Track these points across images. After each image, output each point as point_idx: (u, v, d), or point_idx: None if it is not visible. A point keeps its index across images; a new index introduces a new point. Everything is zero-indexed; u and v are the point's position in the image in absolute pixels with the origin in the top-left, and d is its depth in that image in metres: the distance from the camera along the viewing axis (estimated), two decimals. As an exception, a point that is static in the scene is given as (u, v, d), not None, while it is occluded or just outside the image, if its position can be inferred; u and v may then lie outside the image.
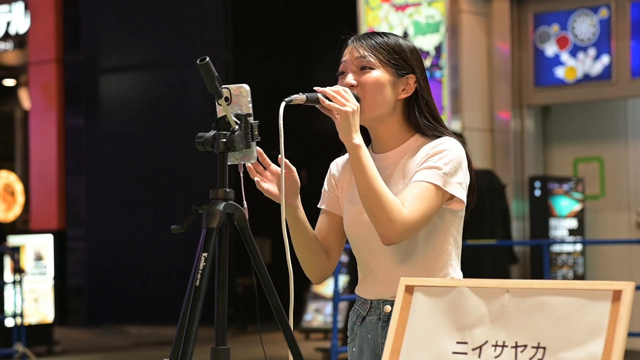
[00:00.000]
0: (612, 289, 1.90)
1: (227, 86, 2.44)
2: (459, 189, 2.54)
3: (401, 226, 2.46)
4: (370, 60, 2.61)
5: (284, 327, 2.46)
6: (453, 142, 2.60)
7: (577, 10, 9.11)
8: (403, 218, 2.46)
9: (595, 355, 1.87)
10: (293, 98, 2.49)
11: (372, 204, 2.47)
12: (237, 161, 2.50)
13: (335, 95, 2.51)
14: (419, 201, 2.48)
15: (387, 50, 2.63)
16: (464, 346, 2.00)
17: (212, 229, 2.37)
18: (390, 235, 2.47)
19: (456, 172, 2.54)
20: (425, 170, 2.53)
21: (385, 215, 2.45)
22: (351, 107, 2.50)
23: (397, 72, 2.63)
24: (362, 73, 2.61)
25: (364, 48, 2.63)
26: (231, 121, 2.41)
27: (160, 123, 13.26)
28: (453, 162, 2.54)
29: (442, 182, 2.51)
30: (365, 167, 2.48)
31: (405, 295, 2.09)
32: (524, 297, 1.97)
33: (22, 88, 15.61)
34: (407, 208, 2.47)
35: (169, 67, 13.22)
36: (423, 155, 2.57)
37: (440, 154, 2.54)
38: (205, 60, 2.33)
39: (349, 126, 2.48)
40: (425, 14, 9.02)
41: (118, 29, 13.74)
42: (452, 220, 2.62)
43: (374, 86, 2.60)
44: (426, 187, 2.50)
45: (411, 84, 2.65)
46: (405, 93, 2.64)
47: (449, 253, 2.62)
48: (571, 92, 9.24)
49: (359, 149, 2.49)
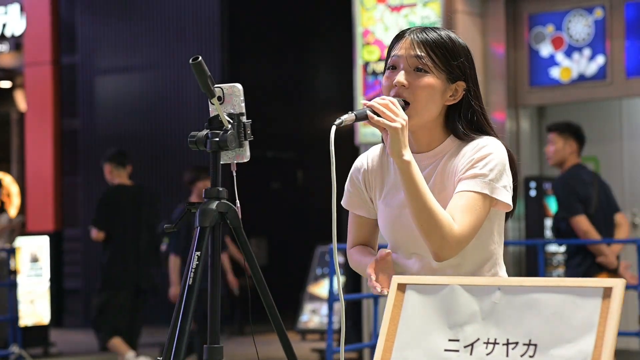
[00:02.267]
0: (602, 286, 1.91)
1: (220, 85, 2.44)
2: (505, 193, 2.50)
3: (453, 242, 2.42)
4: (426, 63, 2.52)
5: (277, 326, 2.46)
6: (495, 143, 2.54)
7: (572, 11, 9.12)
8: (454, 234, 2.42)
9: (586, 351, 1.88)
10: (343, 119, 2.39)
11: (424, 222, 2.41)
12: (230, 160, 2.50)
13: (383, 109, 2.42)
14: (469, 214, 2.44)
15: (444, 54, 2.54)
16: (456, 344, 2.01)
17: (205, 228, 2.38)
18: (443, 252, 2.43)
19: (501, 176, 2.49)
20: (471, 180, 2.47)
21: (438, 232, 2.40)
22: (400, 123, 2.41)
23: (448, 78, 2.55)
24: (416, 75, 2.53)
25: (422, 47, 2.53)
26: (224, 120, 2.42)
27: (156, 124, 13.26)
28: (498, 167, 2.49)
29: (489, 190, 2.47)
30: (416, 184, 2.41)
31: (397, 293, 2.09)
32: (516, 294, 1.98)
33: (17, 90, 15.59)
34: (458, 223, 2.43)
35: (165, 69, 13.22)
36: (467, 159, 2.52)
37: (485, 160, 2.49)
38: (197, 60, 2.33)
39: (398, 143, 2.40)
40: (420, 14, 9.02)
41: (113, 30, 13.74)
42: (494, 220, 2.59)
43: (426, 93, 2.52)
44: (474, 197, 2.46)
45: (459, 92, 2.57)
46: (452, 100, 2.57)
47: (494, 252, 2.60)
48: (566, 93, 9.24)
49: (409, 166, 2.41)
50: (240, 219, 2.44)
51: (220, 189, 2.44)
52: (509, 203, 2.52)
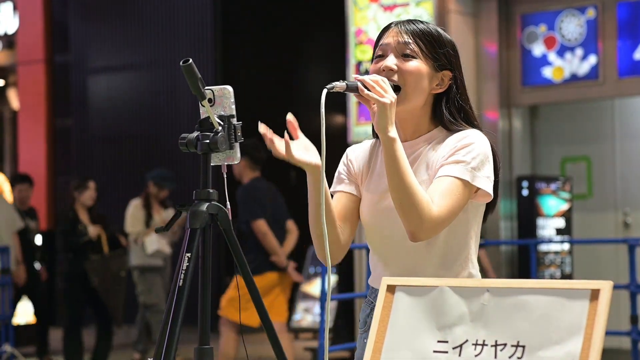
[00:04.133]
0: (590, 288, 1.92)
1: (211, 87, 2.45)
2: (487, 182, 2.52)
3: (430, 223, 2.43)
4: (413, 48, 2.57)
5: (267, 326, 2.47)
6: (479, 135, 2.58)
7: (565, 11, 9.14)
8: (432, 215, 2.43)
9: (574, 353, 1.89)
10: (334, 85, 2.44)
11: (402, 199, 2.43)
12: (221, 162, 2.51)
13: (374, 85, 2.45)
14: (447, 197, 2.46)
15: (430, 42, 2.59)
16: (445, 345, 2.01)
17: (195, 229, 2.38)
18: (418, 232, 2.44)
19: (483, 166, 2.52)
20: (453, 165, 2.50)
21: (416, 211, 2.42)
22: (389, 99, 2.44)
23: (435, 66, 2.59)
24: (404, 60, 2.58)
25: (409, 35, 2.59)
26: (214, 122, 2.43)
27: (149, 123, 13.26)
28: (480, 156, 2.52)
29: (470, 177, 2.49)
30: (399, 161, 2.43)
31: (387, 295, 2.10)
32: (504, 296, 1.99)
33: (10, 88, 15.58)
34: (437, 205, 2.44)
35: (158, 68, 13.22)
36: (449, 147, 2.54)
37: (467, 148, 2.52)
38: (188, 62, 2.34)
39: (385, 118, 2.43)
40: (413, 14, 9.03)
41: (107, 29, 13.73)
42: (475, 214, 2.60)
43: (414, 75, 2.56)
44: (454, 182, 2.48)
45: (445, 81, 2.62)
46: (439, 88, 2.62)
47: (469, 247, 2.61)
48: (559, 92, 9.26)
49: (394, 142, 2.44)
50: (230, 221, 2.45)
51: (210, 190, 2.45)
52: (490, 192, 2.54)
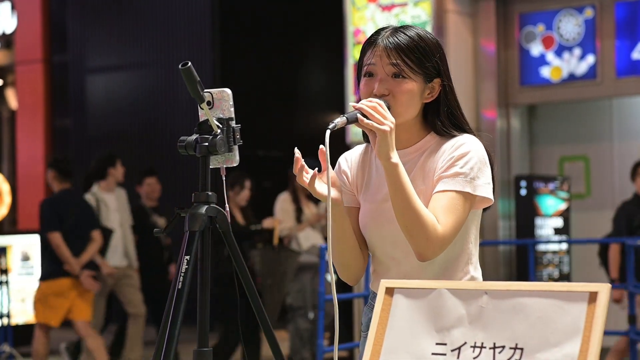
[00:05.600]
0: (588, 291, 1.93)
1: (209, 90, 2.45)
2: (488, 189, 2.54)
3: (436, 243, 2.45)
4: (403, 69, 2.56)
5: (265, 328, 2.47)
6: (473, 141, 2.58)
7: (563, 10, 9.14)
8: (438, 235, 2.45)
9: (572, 356, 1.89)
10: (336, 123, 2.43)
11: (408, 222, 2.44)
12: (220, 165, 2.51)
13: (372, 113, 2.45)
14: (451, 214, 2.47)
15: (419, 57, 2.57)
16: (443, 347, 2.02)
17: (194, 232, 2.39)
18: (426, 253, 2.46)
19: (482, 173, 2.53)
20: (452, 179, 2.51)
21: (423, 233, 2.43)
22: (389, 125, 2.44)
23: (425, 79, 2.59)
24: (395, 82, 2.56)
25: (397, 54, 2.56)
26: (213, 125, 2.43)
27: (146, 123, 13.25)
28: (478, 164, 2.53)
29: (471, 188, 2.50)
30: (403, 186, 2.44)
31: (385, 297, 2.10)
32: (502, 298, 2.00)
33: (9, 88, 15.57)
34: (441, 224, 2.46)
35: (156, 68, 13.21)
36: (446, 157, 2.55)
37: (464, 158, 2.53)
38: (187, 65, 2.35)
39: (386, 145, 2.43)
40: (411, 14, 9.04)
41: (105, 29, 13.72)
42: (473, 220, 2.62)
43: (406, 97, 2.56)
44: (455, 197, 2.49)
45: (436, 88, 2.62)
46: (430, 97, 2.62)
47: (469, 252, 2.62)
48: (557, 92, 9.27)
49: (396, 168, 2.45)
50: (229, 223, 2.45)
51: (209, 193, 2.45)
52: (491, 198, 2.56)
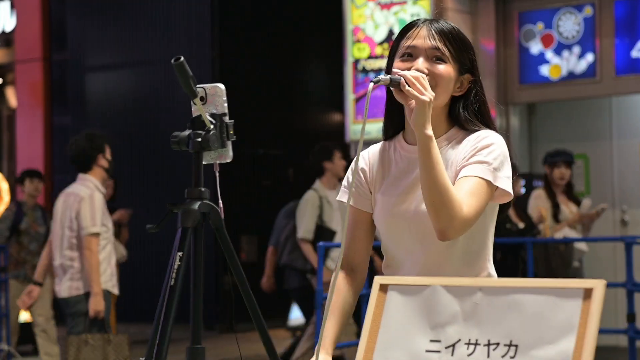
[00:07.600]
0: (583, 287, 1.91)
1: (202, 85, 2.44)
2: (507, 182, 2.55)
3: (460, 222, 2.44)
4: (444, 51, 2.59)
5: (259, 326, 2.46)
6: (497, 136, 2.60)
7: (562, 9, 9.13)
8: (463, 214, 2.44)
9: (567, 353, 1.88)
10: (380, 78, 2.45)
11: (435, 198, 2.43)
12: (213, 160, 2.50)
13: (414, 82, 2.47)
14: (475, 197, 2.48)
15: (459, 45, 2.62)
16: (437, 344, 2.00)
17: (187, 228, 2.37)
18: (448, 231, 2.45)
19: (503, 166, 2.54)
20: (476, 165, 2.52)
21: (447, 210, 2.42)
22: (428, 97, 2.46)
23: (460, 69, 2.62)
24: (435, 63, 2.59)
25: (440, 38, 2.60)
26: (206, 121, 2.42)
27: (146, 121, 13.24)
28: (500, 157, 2.54)
29: (492, 177, 2.51)
30: (434, 159, 2.44)
31: (379, 294, 2.09)
32: (497, 295, 1.98)
33: (8, 86, 15.56)
34: (466, 204, 2.46)
35: (155, 66, 13.20)
36: (470, 148, 2.57)
37: (488, 149, 2.54)
38: (179, 60, 2.33)
39: (424, 116, 2.44)
40: (410, 12, 9.03)
41: (104, 27, 13.72)
42: (491, 215, 2.63)
43: (445, 79, 2.58)
44: (479, 182, 2.50)
45: (465, 84, 2.65)
46: (459, 91, 2.64)
47: (488, 247, 2.63)
48: (556, 90, 9.26)
49: (430, 140, 2.45)
50: (222, 220, 2.44)
51: (202, 189, 2.44)
52: (510, 192, 2.56)
